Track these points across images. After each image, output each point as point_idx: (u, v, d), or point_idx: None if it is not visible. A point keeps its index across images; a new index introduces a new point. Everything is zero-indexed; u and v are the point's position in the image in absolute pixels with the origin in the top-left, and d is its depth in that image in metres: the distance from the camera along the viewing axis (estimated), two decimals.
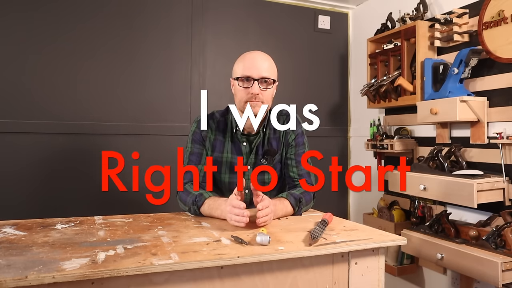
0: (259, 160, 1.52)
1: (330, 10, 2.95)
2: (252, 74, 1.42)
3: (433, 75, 2.03)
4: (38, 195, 2.21)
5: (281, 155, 1.56)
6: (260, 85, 1.43)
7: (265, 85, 1.44)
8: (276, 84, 1.51)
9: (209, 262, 0.91)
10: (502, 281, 1.55)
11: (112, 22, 2.36)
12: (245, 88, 1.43)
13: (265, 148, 1.53)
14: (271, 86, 1.46)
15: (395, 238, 1.14)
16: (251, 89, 1.42)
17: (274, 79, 1.47)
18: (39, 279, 0.77)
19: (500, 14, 1.77)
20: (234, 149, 1.53)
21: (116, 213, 1.41)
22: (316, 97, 2.88)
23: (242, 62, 1.47)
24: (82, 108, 2.29)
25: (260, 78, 1.42)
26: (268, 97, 1.47)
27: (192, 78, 2.54)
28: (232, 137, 1.53)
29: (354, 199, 2.98)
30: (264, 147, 1.53)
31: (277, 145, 1.55)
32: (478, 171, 1.79)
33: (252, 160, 1.53)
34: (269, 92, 1.47)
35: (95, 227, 1.19)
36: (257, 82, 1.42)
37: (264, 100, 1.44)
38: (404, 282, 2.40)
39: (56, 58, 2.24)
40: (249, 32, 2.69)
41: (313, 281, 1.04)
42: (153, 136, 2.43)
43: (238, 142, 1.53)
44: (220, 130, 1.54)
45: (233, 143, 1.54)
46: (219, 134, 1.54)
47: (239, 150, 1.53)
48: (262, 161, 1.51)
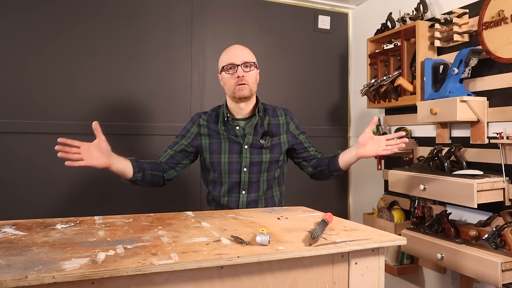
0: (256, 140, 1.68)
1: (330, 10, 2.95)
2: (234, 60, 1.64)
3: (433, 75, 2.03)
4: (38, 195, 2.21)
5: (282, 141, 1.73)
6: (243, 68, 1.64)
7: (248, 68, 1.65)
8: (258, 71, 1.72)
9: (209, 262, 0.91)
10: (502, 281, 1.55)
11: (112, 22, 2.36)
12: (231, 74, 1.65)
13: (264, 129, 1.70)
14: (253, 69, 1.67)
15: (395, 238, 1.14)
16: (236, 73, 1.63)
17: (254, 62, 1.68)
18: (39, 279, 0.77)
19: (500, 14, 1.77)
20: (229, 132, 1.69)
21: (116, 213, 1.41)
22: (316, 97, 2.88)
23: (225, 54, 1.69)
24: (82, 108, 2.29)
25: (242, 62, 1.64)
26: (252, 79, 1.67)
27: (192, 78, 2.54)
28: (225, 124, 1.70)
29: (354, 199, 2.98)
30: (263, 129, 1.70)
31: (277, 130, 1.73)
32: (478, 171, 1.79)
33: (250, 140, 1.68)
34: (252, 74, 1.67)
35: (95, 227, 1.19)
36: (240, 66, 1.63)
37: (249, 82, 1.64)
38: (404, 282, 2.40)
39: (56, 58, 2.24)
40: (249, 32, 2.69)
41: (313, 281, 1.05)
42: (153, 136, 2.43)
43: (231, 127, 1.69)
44: (212, 120, 1.73)
45: (227, 128, 1.70)
46: (212, 124, 1.72)
47: (234, 133, 1.69)
48: (260, 141, 1.68)
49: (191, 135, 1.72)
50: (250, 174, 1.67)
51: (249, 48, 1.73)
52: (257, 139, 1.68)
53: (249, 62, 1.66)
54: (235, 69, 1.64)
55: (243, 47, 1.72)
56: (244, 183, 1.67)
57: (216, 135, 1.70)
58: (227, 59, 1.66)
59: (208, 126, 1.72)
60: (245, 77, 1.63)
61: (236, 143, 1.68)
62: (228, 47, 1.72)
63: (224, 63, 1.67)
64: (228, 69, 1.65)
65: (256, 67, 1.69)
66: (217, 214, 1.44)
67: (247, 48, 1.72)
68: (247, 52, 1.69)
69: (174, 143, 1.74)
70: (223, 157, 1.67)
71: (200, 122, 1.73)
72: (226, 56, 1.68)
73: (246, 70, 1.65)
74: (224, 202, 1.68)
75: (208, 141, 1.70)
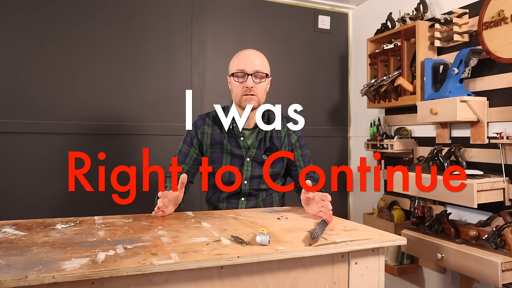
0: (259, 154, 1.60)
1: (330, 10, 2.95)
2: (245, 68, 1.53)
3: (433, 75, 2.03)
4: (38, 195, 2.21)
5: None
6: (253, 78, 1.53)
7: (258, 79, 1.55)
8: (269, 79, 1.61)
9: (209, 262, 0.91)
10: (502, 281, 1.55)
11: (112, 22, 2.36)
12: (240, 83, 1.55)
13: (267, 145, 1.62)
14: (264, 80, 1.57)
15: (395, 238, 1.14)
16: (245, 83, 1.53)
17: (266, 73, 1.58)
18: (39, 279, 0.77)
19: (500, 14, 1.77)
20: (231, 142, 1.61)
21: (116, 213, 1.42)
22: (316, 97, 2.88)
23: (236, 59, 1.58)
24: (82, 109, 2.29)
25: (254, 72, 1.53)
26: (262, 90, 1.57)
27: (192, 78, 2.54)
28: (228, 131, 1.61)
29: (354, 199, 2.98)
30: (266, 144, 1.62)
31: (278, 143, 1.64)
32: (478, 171, 1.79)
33: (253, 154, 1.61)
34: (263, 86, 1.57)
35: (95, 227, 1.19)
36: (251, 76, 1.53)
37: (258, 93, 1.54)
38: (404, 282, 2.40)
39: (56, 58, 2.24)
40: (249, 32, 2.69)
41: (313, 281, 1.04)
42: (153, 136, 2.43)
43: (234, 136, 1.61)
44: (217, 124, 1.63)
45: (230, 136, 1.61)
46: (216, 128, 1.63)
47: (237, 144, 1.61)
48: (263, 157, 1.60)
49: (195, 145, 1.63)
50: (250, 185, 1.63)
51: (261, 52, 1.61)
52: (260, 153, 1.60)
53: (261, 73, 1.54)
54: (245, 78, 1.53)
55: (257, 53, 1.59)
56: (244, 193, 1.63)
57: (219, 145, 1.61)
58: (238, 65, 1.55)
59: (212, 133, 1.62)
60: (254, 88, 1.53)
61: (238, 156, 1.60)
62: (241, 50, 1.61)
63: (234, 68, 1.56)
64: (237, 76, 1.55)
65: (268, 77, 1.59)
66: (217, 214, 1.44)
67: (260, 55, 1.59)
68: (260, 60, 1.57)
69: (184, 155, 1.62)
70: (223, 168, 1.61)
71: (204, 129, 1.63)
72: (237, 61, 1.57)
73: (257, 81, 1.54)
74: (223, 207, 1.65)
75: (210, 150, 1.62)
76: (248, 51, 1.59)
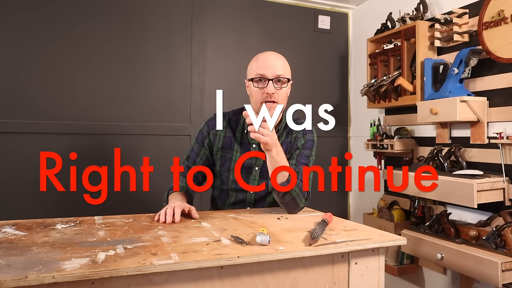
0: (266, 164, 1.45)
1: (330, 10, 2.95)
2: (266, 73, 1.42)
3: (433, 75, 2.03)
4: (38, 195, 2.20)
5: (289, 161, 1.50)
6: (275, 84, 1.42)
7: (279, 84, 1.44)
8: (291, 83, 1.50)
9: (209, 262, 0.91)
10: (502, 281, 1.55)
11: (112, 22, 2.36)
12: (260, 89, 1.43)
13: None
14: (285, 85, 1.46)
15: (395, 238, 1.14)
16: (266, 89, 1.41)
17: (288, 78, 1.47)
18: (39, 279, 0.77)
19: (500, 14, 1.77)
20: (242, 150, 1.54)
21: (118, 213, 1.42)
22: (316, 97, 2.88)
23: (255, 62, 1.46)
24: (82, 108, 2.29)
25: (275, 77, 1.42)
26: (283, 96, 1.46)
27: (192, 78, 2.54)
28: (241, 137, 1.54)
29: (354, 199, 2.98)
30: None
31: (286, 149, 1.53)
32: (478, 171, 1.80)
33: (261, 163, 1.52)
34: (284, 91, 1.46)
35: (95, 227, 1.19)
36: (271, 81, 1.41)
37: (279, 100, 1.43)
38: (404, 282, 2.40)
39: (55, 58, 2.24)
40: (249, 32, 2.69)
41: (313, 281, 1.04)
42: (153, 136, 2.43)
43: (247, 143, 1.54)
44: (231, 128, 1.56)
45: (242, 143, 1.54)
46: (229, 131, 1.56)
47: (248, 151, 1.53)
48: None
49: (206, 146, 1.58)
50: (256, 194, 1.57)
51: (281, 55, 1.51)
52: None
53: (283, 77, 1.43)
54: (265, 84, 1.42)
55: (278, 56, 1.48)
56: (250, 203, 1.58)
57: (229, 150, 1.55)
58: (258, 69, 1.43)
59: (224, 136, 1.55)
60: (275, 95, 1.41)
61: (247, 165, 1.53)
62: (261, 53, 1.50)
63: (253, 73, 1.44)
64: (257, 81, 1.43)
65: (289, 81, 1.48)
66: (217, 214, 1.43)
67: (281, 58, 1.48)
68: (281, 64, 1.45)
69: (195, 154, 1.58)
70: (231, 174, 1.55)
71: (217, 132, 1.56)
72: (256, 65, 1.45)
73: (278, 87, 1.42)
74: None
75: (220, 154, 1.56)
76: (268, 53, 1.48)
